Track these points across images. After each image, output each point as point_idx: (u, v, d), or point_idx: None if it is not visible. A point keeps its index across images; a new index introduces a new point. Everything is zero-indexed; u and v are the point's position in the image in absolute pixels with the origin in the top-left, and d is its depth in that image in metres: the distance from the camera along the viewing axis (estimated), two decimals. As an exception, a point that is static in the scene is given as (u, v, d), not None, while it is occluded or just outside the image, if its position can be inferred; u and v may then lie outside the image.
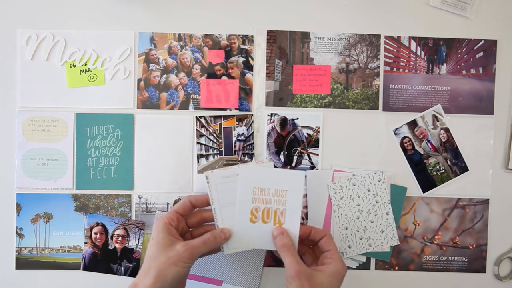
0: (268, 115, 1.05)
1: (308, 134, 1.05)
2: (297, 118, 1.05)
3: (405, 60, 1.06)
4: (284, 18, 1.05)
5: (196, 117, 1.04)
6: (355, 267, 1.05)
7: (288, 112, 1.05)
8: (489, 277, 1.07)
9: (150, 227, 1.04)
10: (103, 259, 1.04)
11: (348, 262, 1.05)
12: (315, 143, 1.05)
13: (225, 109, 1.05)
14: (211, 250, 0.91)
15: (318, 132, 1.05)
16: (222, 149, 1.05)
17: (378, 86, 1.06)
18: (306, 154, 1.05)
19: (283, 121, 1.05)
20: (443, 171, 1.05)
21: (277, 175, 0.92)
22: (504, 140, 1.06)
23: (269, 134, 1.05)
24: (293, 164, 1.05)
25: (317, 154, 1.05)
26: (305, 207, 1.04)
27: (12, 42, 1.03)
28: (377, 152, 1.05)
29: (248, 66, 1.05)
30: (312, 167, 1.05)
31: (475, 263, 1.06)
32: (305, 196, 1.04)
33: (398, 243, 1.04)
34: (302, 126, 1.05)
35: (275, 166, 1.05)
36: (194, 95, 1.05)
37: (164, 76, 1.04)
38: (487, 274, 1.07)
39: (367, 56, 1.06)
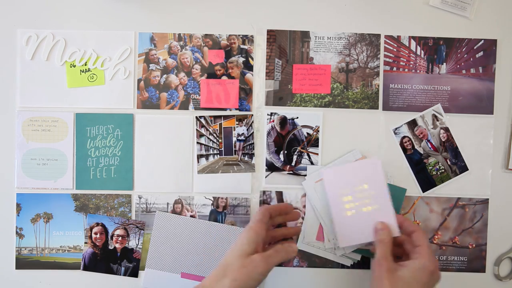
0: (268, 114, 1.05)
1: (307, 133, 1.05)
2: (297, 118, 1.05)
3: (405, 60, 1.06)
4: (284, 17, 1.05)
5: (196, 117, 1.04)
6: (349, 265, 1.05)
7: (288, 111, 1.05)
8: (489, 277, 1.07)
9: (150, 227, 1.04)
10: (103, 259, 1.04)
11: (343, 260, 1.05)
12: (314, 142, 1.05)
13: (225, 109, 1.05)
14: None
15: (318, 131, 1.05)
16: (222, 149, 1.05)
17: (378, 86, 1.06)
18: (305, 154, 1.05)
19: (283, 121, 1.05)
20: (443, 170, 1.05)
21: (355, 169, 1.00)
22: (504, 140, 1.06)
23: (268, 133, 1.05)
24: (293, 164, 1.05)
25: (317, 154, 1.05)
26: (303, 206, 1.05)
27: (12, 42, 1.03)
28: (377, 151, 1.05)
29: (248, 66, 1.05)
30: (312, 166, 1.06)
31: (475, 262, 1.06)
32: (304, 196, 1.05)
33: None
34: (301, 126, 1.05)
35: (275, 165, 1.05)
36: (194, 95, 1.05)
37: (164, 76, 1.04)
38: (487, 274, 1.07)
39: (367, 55, 1.06)
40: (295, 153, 1.06)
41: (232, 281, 0.80)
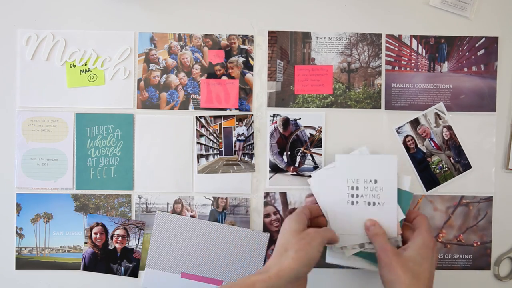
0: (270, 116, 1.05)
1: (310, 134, 1.05)
2: (300, 118, 1.05)
3: (406, 59, 1.05)
4: (285, 18, 1.05)
5: (196, 117, 1.04)
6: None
7: (290, 112, 1.05)
8: (489, 277, 1.06)
9: (150, 227, 1.04)
10: (103, 259, 1.04)
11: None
12: (317, 143, 1.05)
13: (225, 109, 1.05)
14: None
15: (321, 132, 1.05)
16: (222, 149, 1.05)
17: (380, 85, 1.05)
18: (309, 154, 1.05)
19: (286, 122, 1.05)
20: (446, 169, 1.04)
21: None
22: (504, 139, 1.05)
23: (271, 134, 1.05)
24: (296, 165, 1.05)
25: (320, 154, 1.05)
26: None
27: (12, 42, 1.03)
28: (380, 151, 1.04)
29: (248, 66, 1.05)
30: (316, 167, 1.05)
31: (480, 260, 1.05)
32: (308, 196, 1.04)
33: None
34: (304, 126, 1.05)
35: (278, 167, 1.04)
36: (194, 95, 1.04)
37: (164, 76, 1.04)
38: (492, 272, 1.06)
39: (368, 55, 1.05)
40: (299, 154, 1.05)
41: (295, 252, 0.83)
